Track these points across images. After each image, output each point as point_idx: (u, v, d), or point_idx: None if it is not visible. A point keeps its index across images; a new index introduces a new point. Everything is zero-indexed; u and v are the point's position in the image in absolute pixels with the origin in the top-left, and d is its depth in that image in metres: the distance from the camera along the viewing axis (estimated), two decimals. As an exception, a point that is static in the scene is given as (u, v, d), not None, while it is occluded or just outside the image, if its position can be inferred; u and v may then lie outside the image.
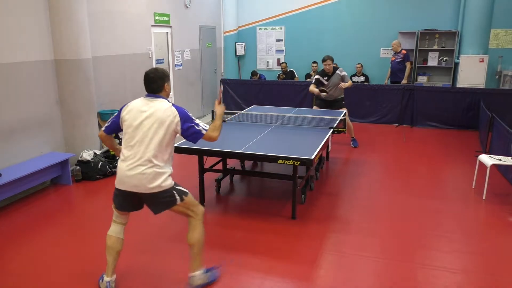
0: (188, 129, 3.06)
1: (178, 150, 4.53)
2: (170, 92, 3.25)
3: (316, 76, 6.88)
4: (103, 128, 3.22)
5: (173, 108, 3.04)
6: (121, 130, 3.11)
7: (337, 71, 6.76)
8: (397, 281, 3.39)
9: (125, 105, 3.14)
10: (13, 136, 5.10)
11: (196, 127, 3.08)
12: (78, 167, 5.63)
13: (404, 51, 9.15)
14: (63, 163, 5.47)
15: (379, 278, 3.42)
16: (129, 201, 3.14)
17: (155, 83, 3.09)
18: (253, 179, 5.79)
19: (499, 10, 9.50)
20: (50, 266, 3.60)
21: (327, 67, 6.72)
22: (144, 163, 2.95)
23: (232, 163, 5.98)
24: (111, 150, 3.19)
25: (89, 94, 5.90)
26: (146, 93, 3.12)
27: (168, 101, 3.12)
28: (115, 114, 3.16)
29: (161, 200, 3.06)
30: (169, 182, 3.05)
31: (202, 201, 4.85)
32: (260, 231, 4.20)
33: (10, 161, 5.04)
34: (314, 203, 4.91)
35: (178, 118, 3.02)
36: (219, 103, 3.45)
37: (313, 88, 6.83)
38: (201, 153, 4.57)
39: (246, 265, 3.59)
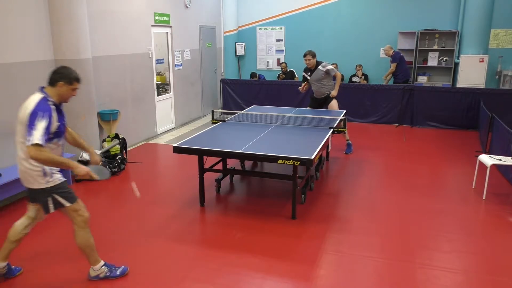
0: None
1: (178, 150, 4.54)
2: (64, 95, 3.08)
3: (303, 73, 6.92)
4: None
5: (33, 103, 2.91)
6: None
7: (319, 66, 6.62)
8: (397, 281, 3.39)
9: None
10: (13, 136, 5.08)
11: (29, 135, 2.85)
12: (78, 167, 5.62)
13: (392, 53, 9.14)
14: (63, 163, 5.46)
15: (379, 278, 3.43)
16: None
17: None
18: (253, 179, 5.79)
19: (499, 10, 9.50)
20: (50, 266, 3.59)
21: (307, 62, 6.63)
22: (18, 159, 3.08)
23: (232, 163, 5.98)
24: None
25: (89, 94, 5.91)
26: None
27: (47, 99, 2.98)
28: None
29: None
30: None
31: (202, 201, 4.85)
32: (260, 231, 4.21)
33: (10, 161, 5.04)
34: (314, 203, 4.91)
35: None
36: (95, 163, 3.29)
37: (302, 86, 6.95)
38: (201, 153, 4.57)
39: (246, 265, 3.60)
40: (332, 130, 5.31)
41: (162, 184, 5.80)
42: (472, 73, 9.42)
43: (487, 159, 5.08)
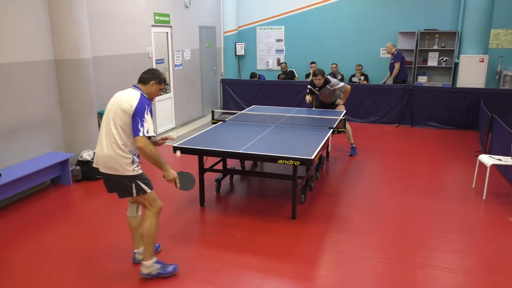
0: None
1: (178, 150, 4.53)
2: (154, 93, 3.37)
3: (308, 86, 6.76)
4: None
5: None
6: None
7: (328, 85, 6.49)
8: (397, 281, 3.39)
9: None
10: (13, 136, 5.10)
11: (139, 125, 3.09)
12: (78, 167, 5.64)
13: (395, 52, 9.15)
14: (63, 163, 5.48)
15: (379, 278, 3.43)
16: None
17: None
18: (253, 179, 5.79)
19: (499, 10, 9.50)
20: (50, 266, 3.60)
21: (317, 82, 6.46)
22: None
23: (232, 163, 5.98)
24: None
25: (89, 94, 5.91)
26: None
27: (144, 95, 3.28)
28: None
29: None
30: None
31: (202, 201, 4.85)
32: (260, 231, 4.21)
33: (10, 161, 5.04)
34: (314, 203, 4.91)
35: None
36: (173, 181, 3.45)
37: (308, 98, 6.79)
38: (201, 153, 4.57)
39: (246, 265, 3.60)
40: (332, 130, 5.31)
41: (162, 184, 5.78)
42: (472, 73, 9.42)
43: (487, 159, 5.08)
